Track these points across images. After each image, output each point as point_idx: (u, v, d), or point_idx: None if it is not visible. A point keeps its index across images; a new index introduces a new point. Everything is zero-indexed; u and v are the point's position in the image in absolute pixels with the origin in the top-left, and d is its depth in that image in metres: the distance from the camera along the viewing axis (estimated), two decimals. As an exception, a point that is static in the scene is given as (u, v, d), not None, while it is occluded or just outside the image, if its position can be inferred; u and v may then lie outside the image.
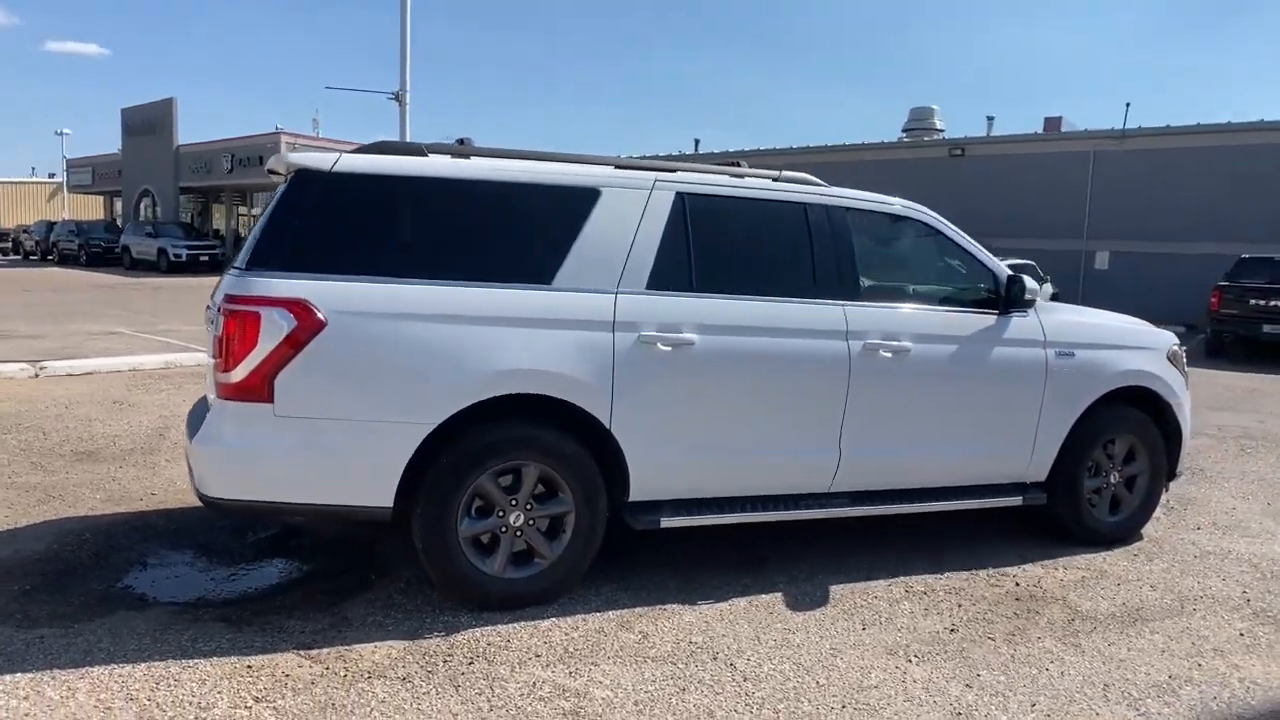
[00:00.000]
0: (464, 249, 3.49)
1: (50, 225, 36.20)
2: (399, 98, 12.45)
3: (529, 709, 2.77)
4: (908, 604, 3.76)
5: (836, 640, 3.37)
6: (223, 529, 4.33)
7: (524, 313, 3.43)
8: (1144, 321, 5.26)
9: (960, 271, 4.45)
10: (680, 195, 3.82)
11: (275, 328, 3.13)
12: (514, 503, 3.49)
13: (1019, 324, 4.34)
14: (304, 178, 3.34)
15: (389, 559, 4.01)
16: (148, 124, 34.63)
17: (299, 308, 3.16)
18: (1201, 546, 4.69)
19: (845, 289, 4.01)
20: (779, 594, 3.79)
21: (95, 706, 2.68)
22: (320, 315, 3.18)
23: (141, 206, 36.94)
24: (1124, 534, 4.70)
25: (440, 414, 3.30)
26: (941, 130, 29.42)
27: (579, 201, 3.64)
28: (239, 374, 3.14)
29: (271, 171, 3.70)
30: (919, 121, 29.66)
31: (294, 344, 3.15)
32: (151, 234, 30.10)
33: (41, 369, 8.55)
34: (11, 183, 54.94)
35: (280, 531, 4.33)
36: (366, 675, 2.94)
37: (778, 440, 3.87)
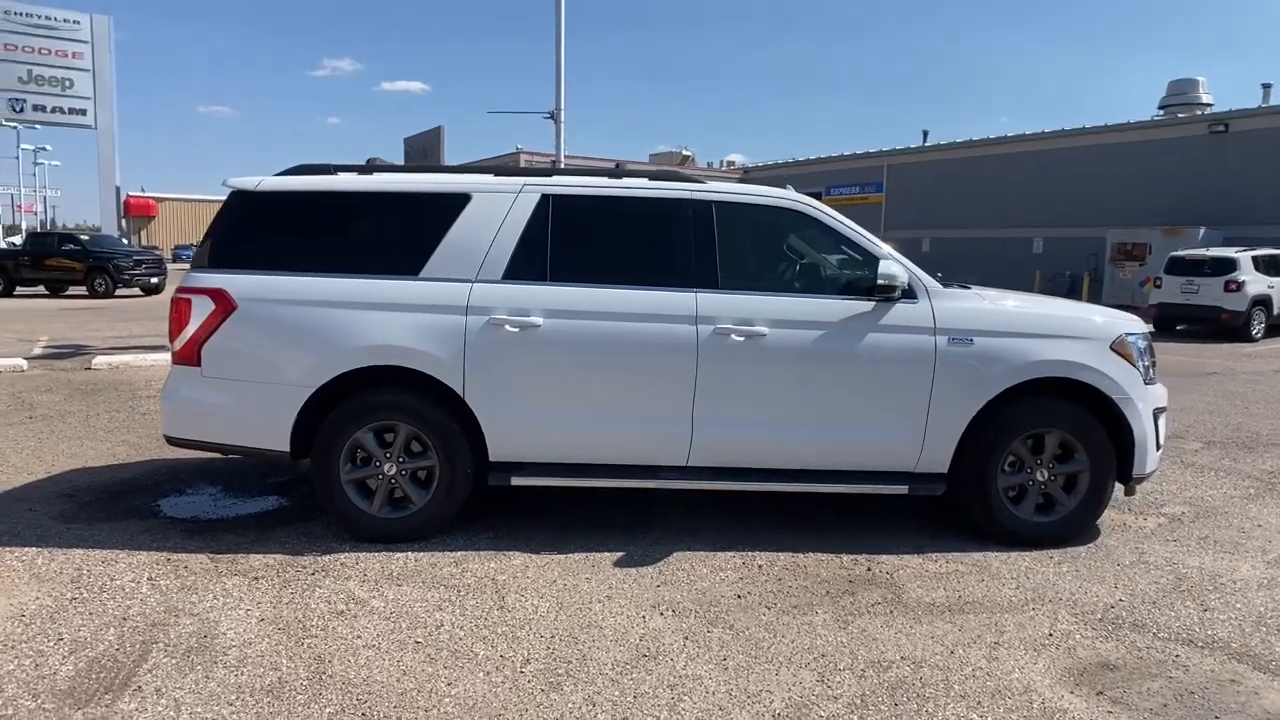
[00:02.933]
0: (353, 248, 4.34)
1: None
2: (554, 116, 13.74)
3: (311, 605, 3.53)
4: (728, 573, 3.97)
5: (614, 591, 3.73)
6: (255, 473, 5.56)
7: (390, 299, 4.19)
8: (1104, 308, 4.84)
9: (843, 260, 4.48)
10: (546, 197, 4.35)
11: (201, 310, 4.19)
12: (388, 456, 4.26)
13: (902, 310, 4.29)
14: (236, 196, 4.37)
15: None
16: (420, 151, 39.95)
17: (218, 295, 4.19)
18: (1145, 557, 4.28)
19: (701, 277, 4.29)
20: (619, 553, 4.18)
21: (52, 568, 3.86)
22: (233, 300, 4.18)
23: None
24: (1058, 535, 4.40)
25: (320, 379, 4.16)
26: (1208, 104, 25.56)
27: (450, 205, 4.32)
28: (179, 344, 4.24)
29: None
30: (1179, 95, 26.01)
31: (214, 322, 4.18)
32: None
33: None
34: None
35: (293, 477, 5.47)
36: (235, 573, 3.87)
37: (625, 413, 4.26)
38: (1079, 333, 4.38)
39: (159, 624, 3.35)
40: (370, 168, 4.54)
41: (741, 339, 4.21)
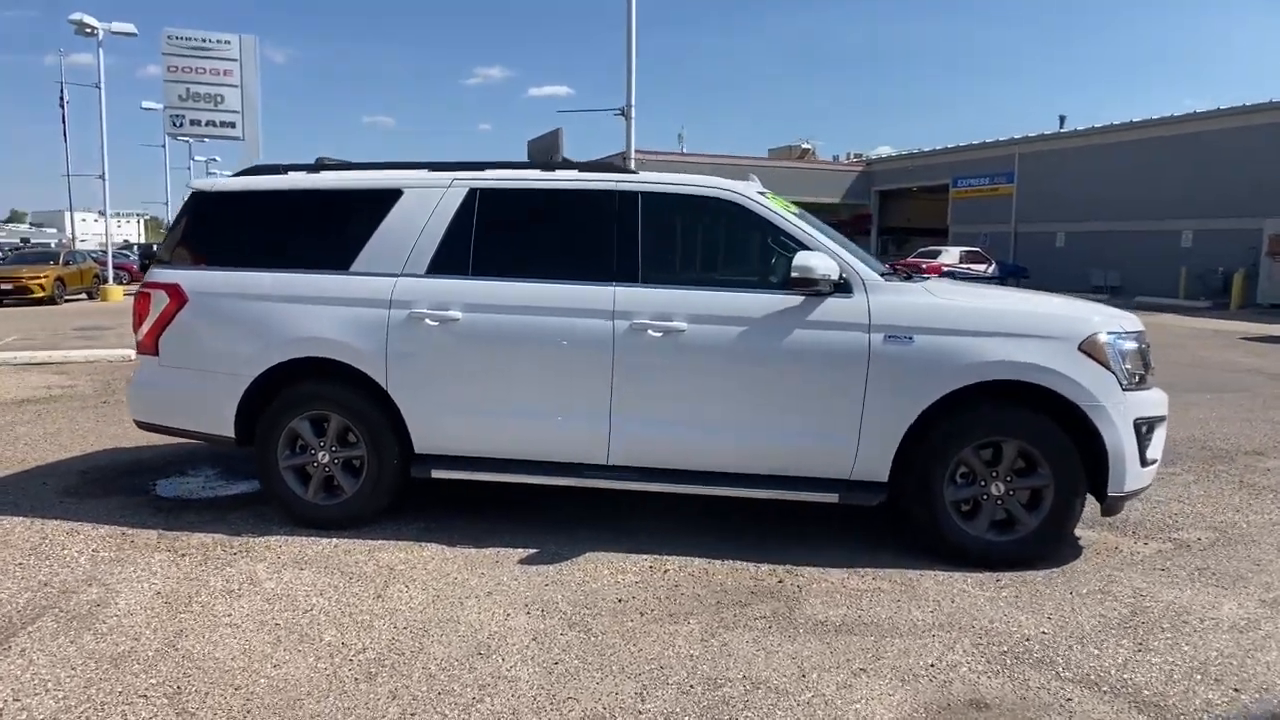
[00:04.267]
0: (293, 244, 4.51)
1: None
2: (625, 113, 13.73)
3: (210, 583, 3.70)
4: (628, 576, 3.84)
5: (498, 588, 3.69)
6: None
7: (321, 293, 4.33)
8: (1091, 305, 4.32)
9: (778, 254, 4.22)
10: (473, 191, 4.37)
11: (159, 303, 4.49)
12: (322, 445, 4.41)
13: (834, 306, 4.00)
14: (194, 196, 4.65)
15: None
16: (542, 152, 41.17)
17: (173, 289, 4.47)
18: (1111, 586, 3.79)
19: (622, 271, 4.16)
20: (533, 550, 4.13)
21: (21, 536, 4.25)
22: (186, 294, 4.45)
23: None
24: (1015, 556, 3.97)
25: (257, 369, 4.36)
26: None
27: (382, 201, 4.41)
28: (140, 335, 4.56)
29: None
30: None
31: (169, 314, 4.47)
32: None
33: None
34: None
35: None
36: (168, 550, 4.12)
37: (544, 409, 4.20)
38: (1038, 331, 3.92)
39: (69, 591, 3.62)
40: (319, 166, 4.70)
41: (659, 335, 4.06)
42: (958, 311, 3.99)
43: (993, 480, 3.98)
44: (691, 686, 2.89)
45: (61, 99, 39.66)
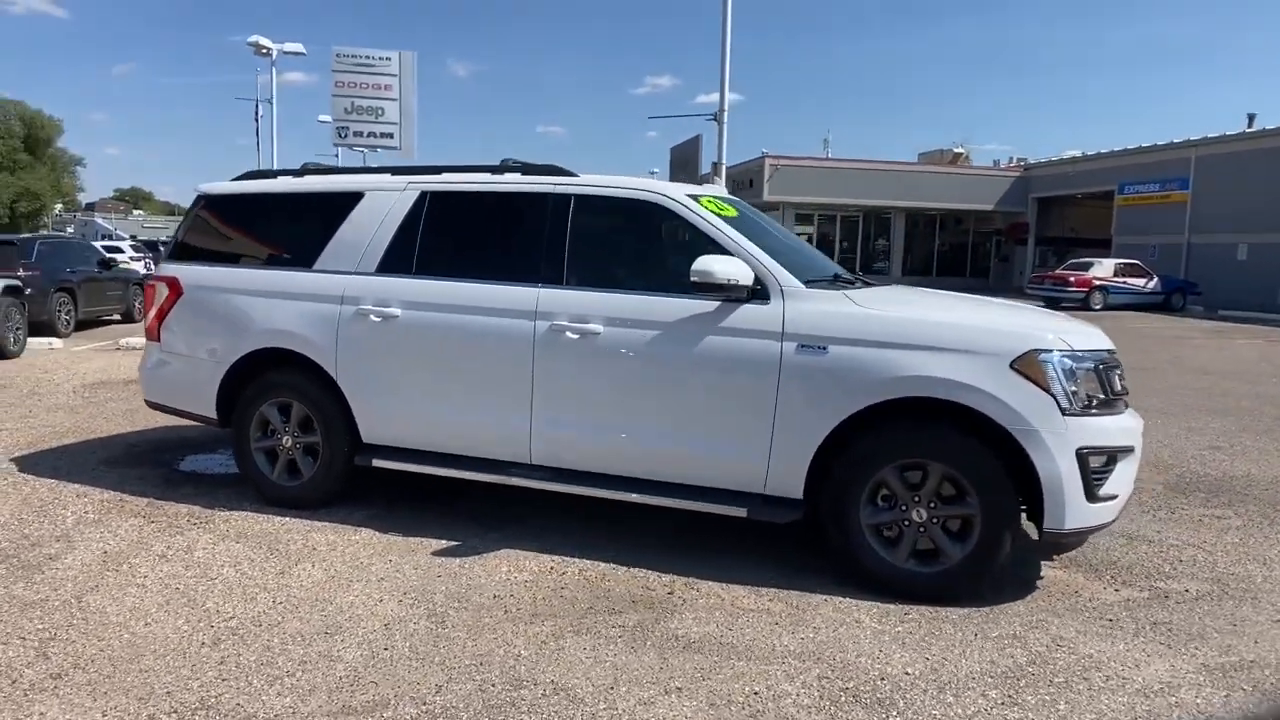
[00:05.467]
0: (270, 243, 4.88)
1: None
2: (717, 118, 13.61)
3: (153, 548, 4.08)
4: (523, 575, 3.87)
5: (391, 574, 3.84)
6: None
7: (287, 289, 4.66)
8: (1046, 315, 3.91)
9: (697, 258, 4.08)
10: (424, 194, 4.55)
11: (160, 294, 4.99)
12: (286, 429, 4.74)
13: (749, 312, 3.85)
14: (198, 198, 5.13)
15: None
16: (682, 159, 41.39)
17: (172, 282, 4.96)
18: (1037, 631, 3.42)
19: (549, 272, 4.20)
20: (452, 543, 4.24)
21: (43, 494, 4.85)
22: (182, 287, 4.92)
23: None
24: (938, 590, 3.67)
25: (233, 357, 4.75)
26: None
27: (345, 203, 4.69)
28: (146, 322, 5.09)
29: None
30: None
31: (169, 305, 4.96)
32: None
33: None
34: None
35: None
36: (142, 516, 4.57)
37: (472, 406, 4.31)
38: (965, 346, 3.59)
39: (37, 544, 4.11)
40: (303, 171, 5.06)
41: (576, 336, 4.06)
42: (879, 322, 3.73)
43: (914, 506, 3.69)
44: (493, 684, 2.89)
45: (256, 113, 44.45)
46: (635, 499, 4.07)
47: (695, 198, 4.21)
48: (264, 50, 26.36)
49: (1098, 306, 22.81)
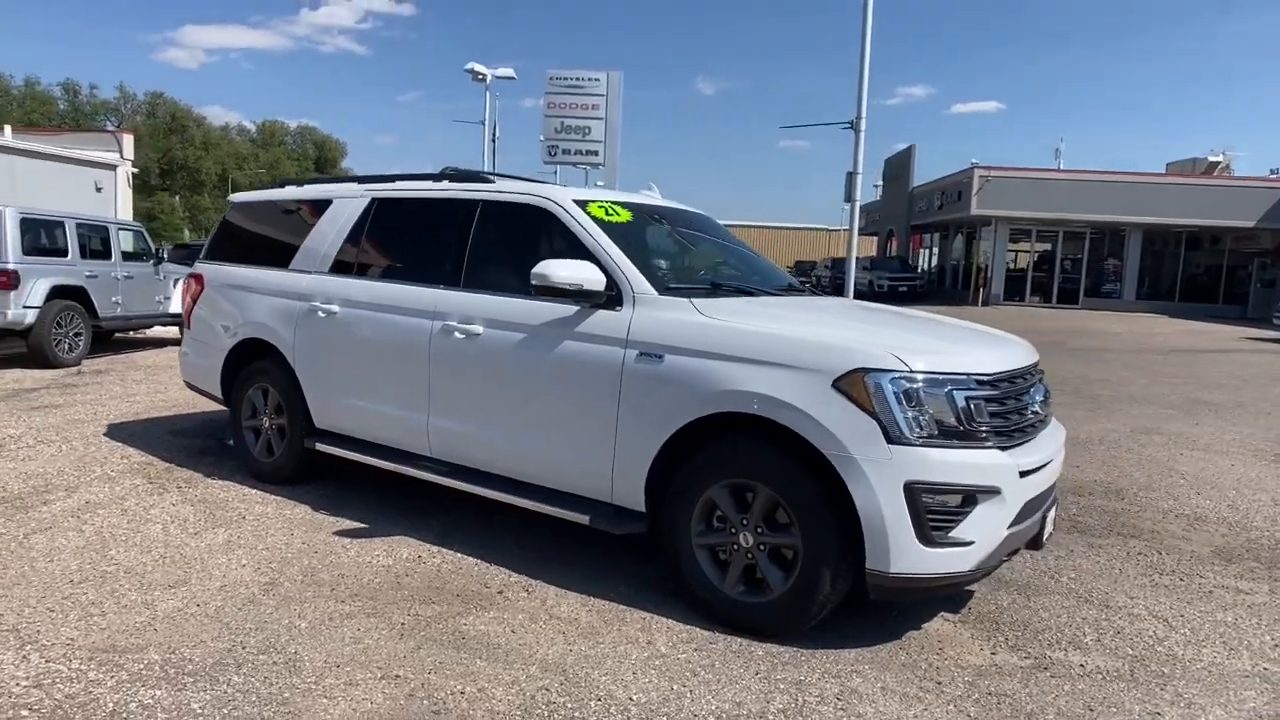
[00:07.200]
0: (265, 245, 5.50)
1: (812, 264, 44.87)
2: (854, 125, 12.94)
3: (128, 504, 4.77)
4: (388, 561, 4.07)
5: (281, 544, 4.22)
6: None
7: (269, 286, 5.25)
8: (904, 330, 3.48)
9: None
10: (374, 200, 4.94)
11: (191, 288, 5.80)
12: (265, 411, 5.33)
13: (601, 318, 3.80)
14: (230, 205, 5.89)
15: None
16: (894, 170, 39.69)
17: (198, 278, 5.76)
18: (807, 679, 3.08)
19: (450, 275, 4.40)
20: (362, 526, 4.55)
21: (101, 454, 5.81)
22: (205, 282, 5.70)
23: (888, 245, 42.41)
24: (760, 623, 3.41)
25: (230, 344, 5.42)
26: None
27: (318, 209, 5.19)
28: (183, 312, 5.92)
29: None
30: None
31: (195, 296, 5.76)
32: (868, 268, 34.80)
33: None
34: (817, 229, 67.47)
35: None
36: (149, 478, 5.34)
37: (386, 399, 4.60)
38: (792, 360, 3.30)
39: (47, 491, 4.96)
40: (302, 180, 5.65)
41: (462, 337, 4.22)
42: (716, 332, 3.52)
43: (743, 529, 3.44)
44: (243, 647, 3.12)
45: (493, 136, 48.79)
46: (495, 496, 4.14)
47: (583, 202, 4.21)
48: (480, 76, 28.87)
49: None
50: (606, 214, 4.20)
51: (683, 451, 3.59)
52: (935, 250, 39.40)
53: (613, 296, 3.81)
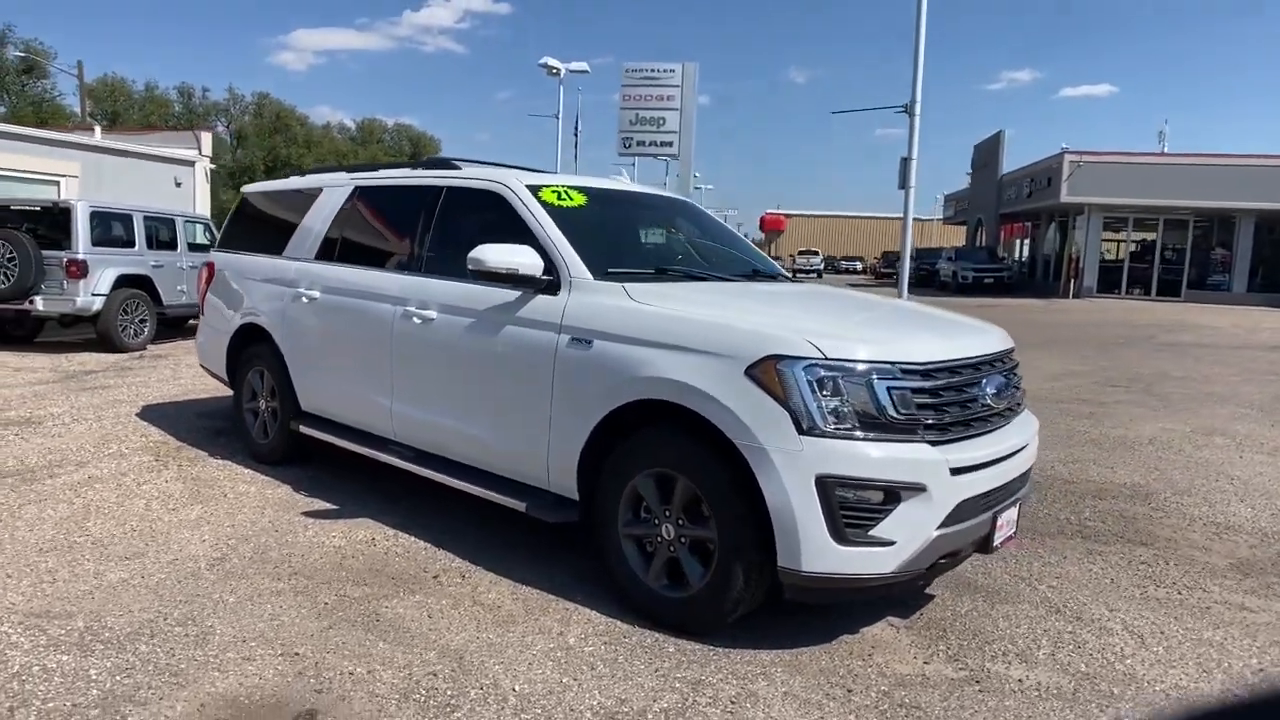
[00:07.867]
0: (263, 234, 5.67)
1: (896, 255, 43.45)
2: (908, 110, 12.36)
3: (125, 478, 5.02)
4: (342, 543, 4.14)
5: (249, 523, 4.35)
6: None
7: (263, 273, 5.42)
8: (824, 315, 3.30)
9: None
10: (356, 189, 5.02)
11: (205, 276, 6.05)
12: (262, 394, 5.51)
13: (539, 304, 3.75)
14: (241, 197, 6.10)
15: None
16: (983, 155, 38.03)
17: (211, 265, 6.00)
18: (705, 677, 2.95)
19: (413, 260, 4.44)
20: (332, 507, 4.66)
21: (120, 431, 6.15)
22: (217, 268, 5.94)
23: (978, 235, 40.70)
24: (681, 619, 3.30)
25: (232, 328, 5.63)
26: None
27: (312, 198, 5.32)
28: (199, 298, 6.18)
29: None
30: None
31: (208, 284, 6.01)
32: (952, 258, 33.50)
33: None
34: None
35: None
36: (159, 455, 5.60)
37: (359, 383, 4.67)
38: (707, 346, 3.16)
39: (59, 465, 5.26)
40: (305, 171, 5.80)
41: (419, 321, 4.24)
42: (638, 317, 3.42)
43: (665, 520, 3.34)
44: (165, 618, 3.22)
45: (576, 129, 49.35)
46: (443, 480, 4.14)
47: (535, 188, 4.16)
48: (554, 70, 29.14)
49: None
50: (559, 199, 4.14)
51: (616, 440, 3.51)
52: (1029, 240, 37.55)
53: (552, 281, 3.75)
